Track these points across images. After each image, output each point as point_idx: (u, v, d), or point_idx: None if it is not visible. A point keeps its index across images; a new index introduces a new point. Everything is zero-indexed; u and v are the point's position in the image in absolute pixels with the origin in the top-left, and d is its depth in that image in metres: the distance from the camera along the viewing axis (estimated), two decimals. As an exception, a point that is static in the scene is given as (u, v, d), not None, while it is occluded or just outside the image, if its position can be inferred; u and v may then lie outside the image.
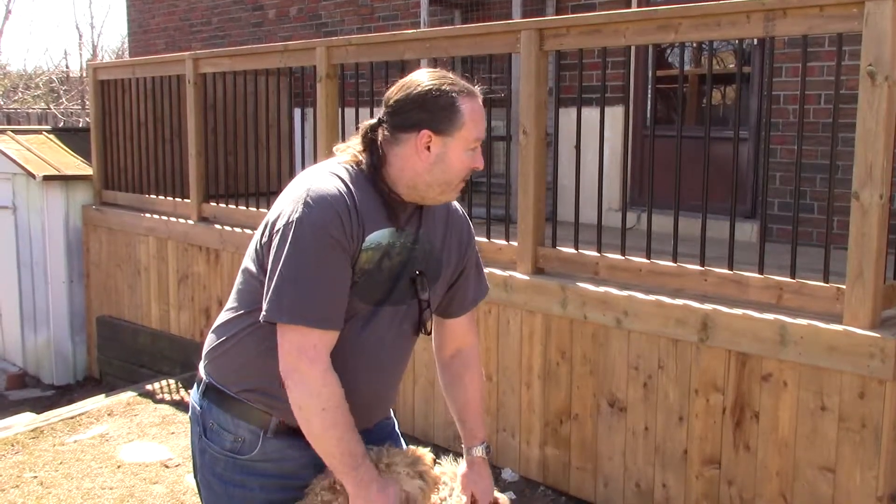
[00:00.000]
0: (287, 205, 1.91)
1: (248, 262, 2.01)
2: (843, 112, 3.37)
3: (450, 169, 1.96)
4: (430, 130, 1.93)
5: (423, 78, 1.97)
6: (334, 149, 2.08)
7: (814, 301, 3.34)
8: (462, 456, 2.30)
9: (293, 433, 2.00)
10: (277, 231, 1.90)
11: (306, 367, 1.86)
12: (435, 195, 2.00)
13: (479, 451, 2.27)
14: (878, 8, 3.05)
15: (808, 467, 3.32)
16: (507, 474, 4.29)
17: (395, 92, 1.98)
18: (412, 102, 1.94)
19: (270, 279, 1.88)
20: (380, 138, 1.99)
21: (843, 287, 3.23)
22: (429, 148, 1.94)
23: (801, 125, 3.45)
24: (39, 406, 6.80)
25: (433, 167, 1.95)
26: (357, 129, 2.07)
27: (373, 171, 1.97)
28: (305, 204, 1.87)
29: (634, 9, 5.88)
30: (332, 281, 1.88)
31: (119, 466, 4.74)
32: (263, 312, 1.88)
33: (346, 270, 1.90)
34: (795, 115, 4.88)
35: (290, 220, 1.87)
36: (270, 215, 1.96)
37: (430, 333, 2.14)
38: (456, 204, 2.22)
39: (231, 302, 2.06)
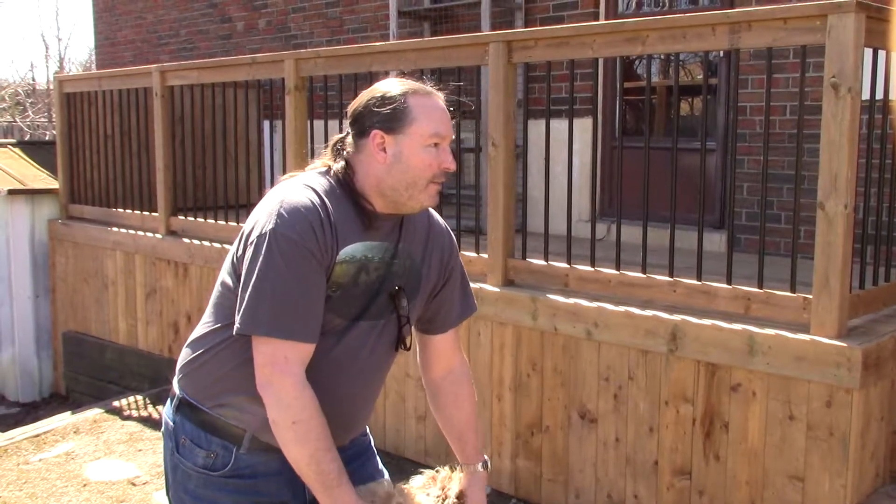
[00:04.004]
0: (261, 217, 1.90)
1: (225, 275, 1.99)
2: (808, 123, 3.41)
3: (409, 168, 1.93)
4: (381, 130, 1.93)
5: (378, 85, 1.99)
6: (309, 168, 2.07)
7: (781, 311, 3.36)
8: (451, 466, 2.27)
9: (267, 450, 1.98)
10: (251, 243, 1.88)
11: (278, 380, 1.84)
12: (405, 199, 1.96)
13: (482, 467, 2.24)
14: (840, 21, 3.09)
15: (778, 476, 3.34)
16: (479, 487, 4.26)
17: (354, 102, 2.01)
18: (365, 108, 1.97)
19: (244, 291, 1.86)
20: (347, 150, 2.00)
21: (810, 297, 3.26)
22: (385, 149, 1.94)
23: (767, 136, 3.48)
24: (4, 424, 6.68)
25: (392, 168, 1.93)
26: (326, 141, 2.07)
27: (345, 183, 1.96)
28: (279, 216, 1.86)
29: (602, 21, 5.92)
30: (306, 293, 1.86)
31: (85, 485, 4.66)
32: (237, 325, 1.86)
33: (321, 282, 1.88)
34: (761, 126, 4.93)
35: (264, 231, 1.86)
36: (245, 228, 1.94)
37: (409, 349, 2.11)
38: (438, 217, 2.20)
39: (207, 316, 2.04)
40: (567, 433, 3.98)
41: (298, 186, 1.94)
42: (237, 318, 1.86)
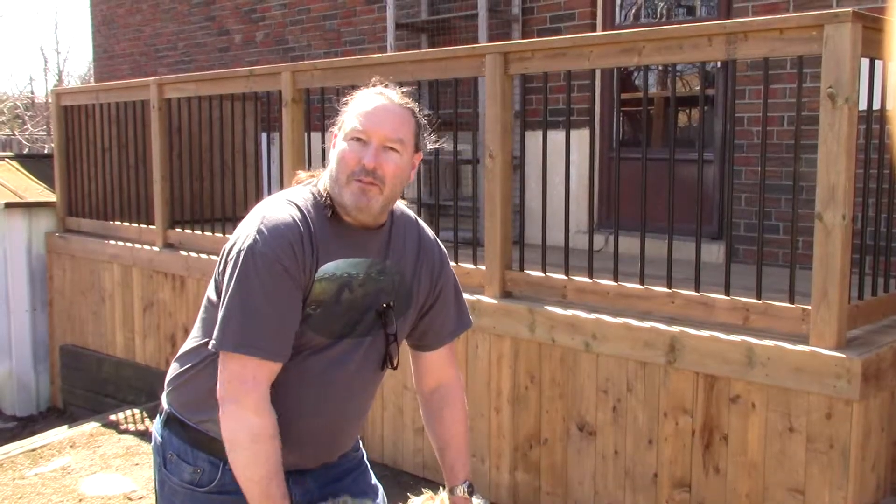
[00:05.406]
0: (241, 233, 1.89)
1: (210, 290, 1.98)
2: (806, 133, 3.41)
3: (332, 161, 1.93)
4: (336, 130, 1.97)
5: None
6: (295, 179, 2.05)
7: (780, 322, 3.35)
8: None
9: None
10: (230, 259, 1.88)
11: (242, 398, 1.82)
12: (338, 199, 1.90)
13: (460, 491, 2.16)
14: (836, 31, 3.09)
15: (778, 489, 3.31)
16: (477, 501, 4.23)
17: None
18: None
19: (220, 308, 1.86)
20: None
21: (809, 308, 3.24)
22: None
23: (765, 146, 3.47)
24: (0, 438, 6.64)
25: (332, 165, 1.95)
26: (322, 153, 2.07)
27: (326, 195, 1.95)
28: (258, 232, 1.85)
29: (599, 32, 5.92)
30: (278, 311, 1.83)
31: (81, 500, 4.63)
32: (212, 341, 1.86)
33: (295, 301, 1.86)
34: (759, 137, 4.93)
35: (242, 247, 1.85)
36: (227, 244, 1.94)
37: (396, 368, 2.07)
38: (428, 231, 2.17)
39: (194, 331, 2.03)
40: (566, 445, 3.96)
41: (281, 202, 1.93)
42: (213, 334, 1.86)
